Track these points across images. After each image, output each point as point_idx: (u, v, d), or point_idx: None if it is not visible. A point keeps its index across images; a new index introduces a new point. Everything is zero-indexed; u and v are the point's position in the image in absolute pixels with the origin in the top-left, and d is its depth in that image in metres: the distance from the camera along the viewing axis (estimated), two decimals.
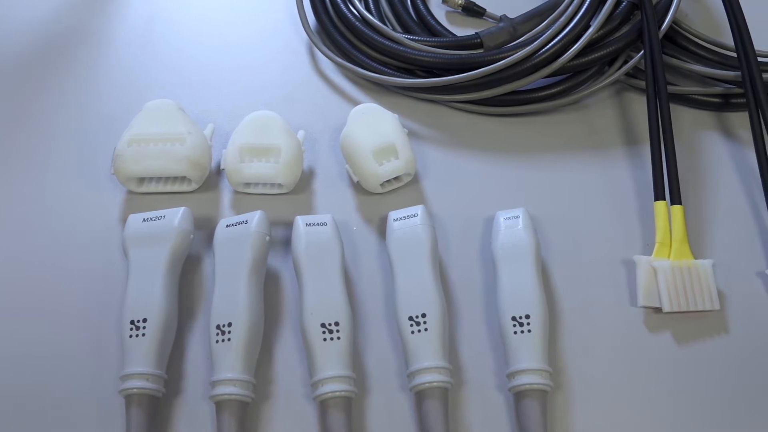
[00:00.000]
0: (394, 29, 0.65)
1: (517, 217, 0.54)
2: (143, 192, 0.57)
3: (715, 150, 0.61)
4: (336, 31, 0.64)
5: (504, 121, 0.62)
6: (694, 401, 0.51)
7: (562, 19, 0.59)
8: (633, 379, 0.51)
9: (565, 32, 0.59)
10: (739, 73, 0.60)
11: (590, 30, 0.59)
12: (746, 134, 0.59)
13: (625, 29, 0.61)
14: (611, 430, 0.50)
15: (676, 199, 0.55)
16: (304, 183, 0.59)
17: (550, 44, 0.59)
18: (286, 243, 0.54)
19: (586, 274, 0.55)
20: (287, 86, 0.64)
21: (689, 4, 0.71)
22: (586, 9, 0.59)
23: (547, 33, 0.59)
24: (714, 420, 0.50)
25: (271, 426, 0.49)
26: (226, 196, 0.58)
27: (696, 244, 0.56)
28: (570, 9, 0.60)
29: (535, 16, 0.63)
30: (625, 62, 0.62)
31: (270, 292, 0.54)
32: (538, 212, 0.57)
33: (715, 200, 0.59)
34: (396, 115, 0.59)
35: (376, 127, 0.57)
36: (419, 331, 0.49)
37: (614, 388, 0.51)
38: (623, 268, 0.55)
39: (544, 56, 0.59)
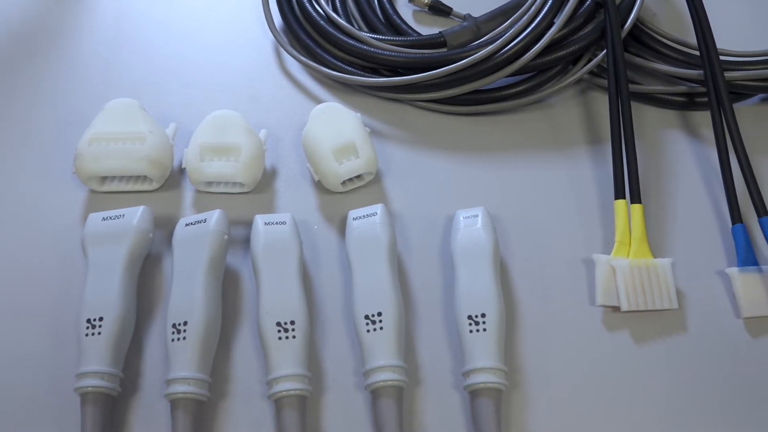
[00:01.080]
0: (360, 29, 0.65)
1: (476, 216, 0.54)
2: (105, 191, 0.57)
3: (678, 149, 0.61)
4: (301, 30, 0.64)
5: (468, 120, 0.62)
6: (652, 400, 0.51)
7: (525, 18, 0.59)
8: (590, 378, 0.51)
9: (527, 31, 0.59)
10: (701, 71, 0.60)
11: (552, 29, 0.59)
12: (710, 133, 0.59)
13: (588, 28, 0.61)
14: (567, 428, 0.50)
15: (636, 198, 0.56)
16: (266, 182, 0.59)
17: (512, 43, 0.59)
18: (247, 242, 0.54)
19: (546, 273, 0.55)
20: (252, 85, 0.64)
21: (659, 4, 0.71)
22: (549, 8, 0.59)
23: (510, 32, 0.59)
24: (671, 419, 0.50)
25: (227, 424, 0.49)
26: (188, 195, 0.58)
27: (657, 243, 0.56)
28: (533, 8, 0.60)
29: (499, 15, 0.63)
30: (589, 61, 0.62)
31: (230, 290, 0.54)
32: (499, 211, 0.57)
33: (677, 199, 0.59)
34: (358, 114, 0.59)
35: (336, 126, 0.57)
36: (375, 329, 0.49)
37: (571, 386, 0.51)
38: (583, 267, 0.55)
39: (506, 55, 0.59)
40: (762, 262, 0.55)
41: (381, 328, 0.49)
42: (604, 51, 0.61)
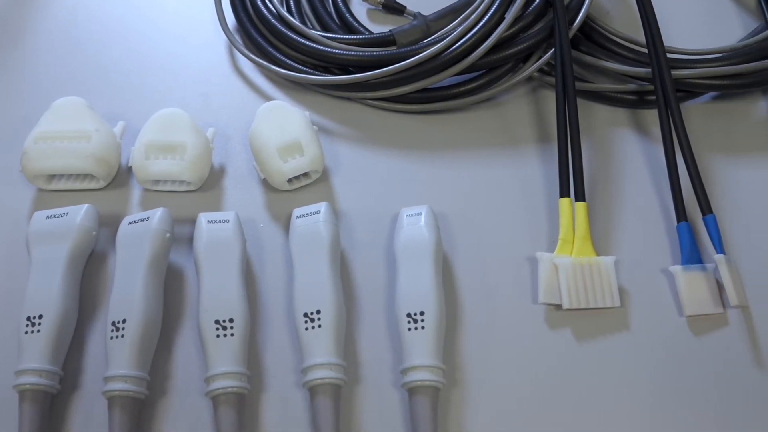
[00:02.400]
0: (313, 28, 0.65)
1: (420, 214, 0.54)
2: (53, 189, 0.57)
3: (628, 147, 0.61)
4: (254, 29, 0.64)
5: (419, 118, 0.62)
6: (593, 398, 0.51)
7: (474, 16, 0.59)
8: (531, 376, 0.51)
9: (475, 30, 0.59)
10: (650, 70, 0.60)
11: (500, 28, 0.59)
12: (659, 131, 0.59)
13: (538, 26, 0.61)
14: (506, 426, 0.50)
15: (580, 196, 0.56)
16: (214, 180, 0.59)
17: (459, 42, 0.59)
18: (192, 240, 0.54)
19: (490, 270, 0.55)
20: (204, 84, 0.64)
21: (613, 2, 0.70)
22: (497, 7, 0.59)
23: (458, 30, 0.59)
24: (612, 417, 0.50)
25: (166, 422, 0.49)
26: (135, 194, 0.58)
27: (602, 241, 0.56)
28: (482, 7, 0.60)
29: (450, 14, 0.63)
30: (539, 59, 0.62)
31: (174, 288, 0.54)
32: (446, 209, 0.57)
33: (625, 197, 0.59)
34: (306, 113, 0.59)
35: (282, 125, 0.57)
36: (313, 327, 0.49)
37: (512, 385, 0.51)
38: (528, 265, 0.55)
39: (453, 53, 0.59)
40: (707, 261, 0.55)
41: (319, 326, 0.49)
42: (553, 49, 0.60)
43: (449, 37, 0.59)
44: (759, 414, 0.51)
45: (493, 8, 0.59)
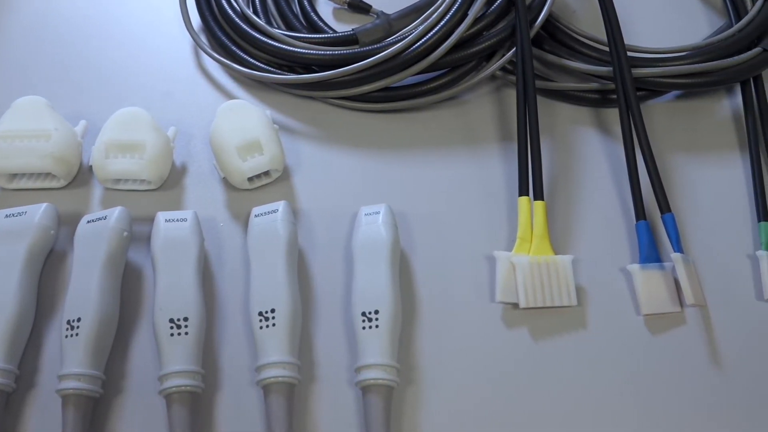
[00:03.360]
0: (278, 27, 0.65)
1: (378, 212, 0.54)
2: (14, 188, 0.58)
3: (590, 146, 0.61)
4: (218, 28, 0.64)
5: (382, 117, 0.62)
6: (549, 397, 0.51)
7: (435, 15, 0.59)
8: (488, 375, 0.51)
9: (436, 29, 0.59)
10: (611, 68, 0.60)
11: (461, 26, 0.59)
12: (620, 130, 0.59)
13: (501, 25, 0.61)
14: (461, 425, 0.50)
15: (538, 195, 0.56)
16: (175, 179, 0.59)
17: (421, 40, 0.59)
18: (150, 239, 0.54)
19: (449, 270, 0.55)
20: (168, 83, 0.64)
21: (580, 2, 0.70)
22: (459, 6, 0.59)
23: (419, 29, 0.59)
24: (569, 416, 0.50)
25: (121, 420, 0.49)
26: (97, 193, 0.58)
27: (562, 240, 0.56)
28: (444, 5, 0.60)
29: (412, 13, 0.63)
30: (501, 57, 0.62)
31: (132, 287, 0.54)
32: (408, 208, 0.57)
33: (586, 196, 0.59)
34: (266, 112, 0.59)
35: (242, 124, 0.57)
36: (267, 326, 0.49)
37: (468, 384, 0.51)
38: (486, 263, 0.55)
39: (414, 52, 0.59)
40: (666, 260, 0.55)
41: (273, 325, 0.49)
42: (515, 48, 0.60)
43: (410, 36, 0.59)
44: (715, 412, 0.51)
45: (455, 7, 0.59)
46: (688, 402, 0.51)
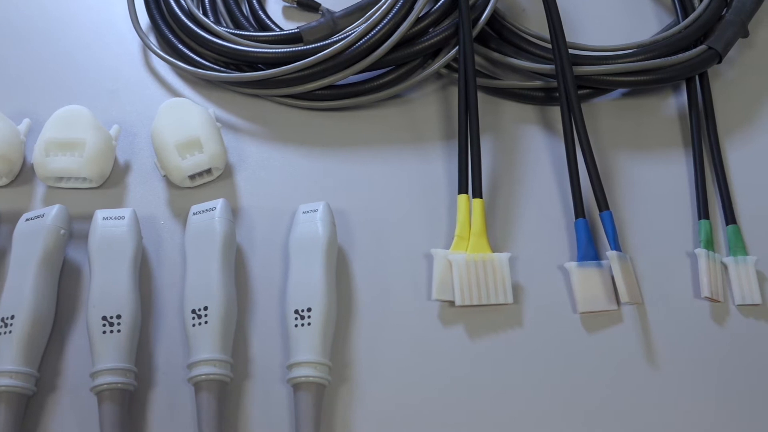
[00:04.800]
0: (227, 26, 0.65)
1: (316, 210, 0.54)
2: None
3: (533, 144, 0.61)
4: (166, 26, 0.64)
5: (326, 115, 0.62)
6: (485, 395, 0.51)
7: (379, 13, 0.59)
8: (423, 373, 0.52)
9: (380, 26, 0.59)
10: (554, 66, 0.60)
11: (405, 24, 0.59)
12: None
13: (446, 23, 0.61)
14: (394, 424, 0.50)
15: (477, 193, 0.56)
16: (118, 177, 0.59)
17: (364, 38, 0.59)
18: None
19: (387, 267, 0.55)
20: (115, 82, 0.64)
21: (530, 1, 0.70)
22: (402, 3, 0.59)
23: (363, 27, 0.59)
24: (504, 414, 0.51)
25: (54, 418, 0.49)
26: (39, 191, 0.58)
27: (501, 238, 0.57)
28: (387, 3, 0.60)
29: (357, 11, 0.63)
30: (446, 56, 0.62)
31: (71, 285, 0.54)
32: (349, 206, 0.57)
33: (528, 194, 0.59)
34: (209, 110, 0.59)
35: (182, 122, 0.57)
36: (200, 323, 0.50)
37: (402, 381, 0.51)
38: (425, 261, 0.55)
39: (358, 50, 0.59)
40: (604, 257, 0.55)
41: (206, 322, 0.49)
42: (457, 46, 0.61)
43: (353, 34, 0.59)
44: (650, 410, 0.51)
45: (398, 5, 0.59)
46: (623, 399, 0.51)
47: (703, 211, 0.58)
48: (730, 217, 0.58)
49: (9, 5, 0.70)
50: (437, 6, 0.61)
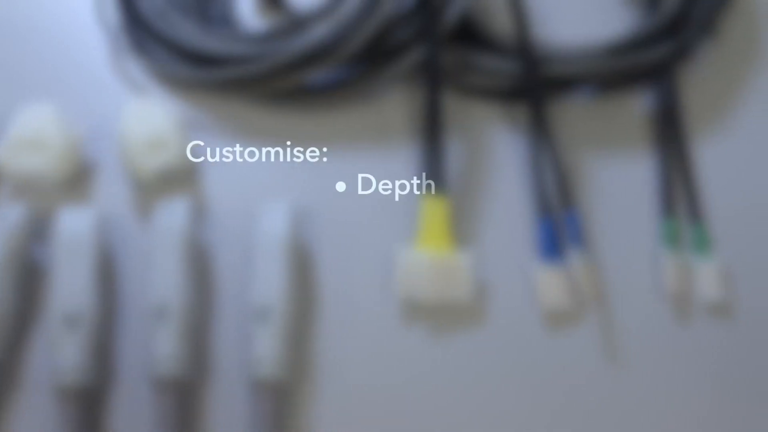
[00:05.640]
0: (196, 24, 0.65)
1: (279, 209, 0.54)
2: None
3: (501, 142, 0.61)
4: (134, 24, 0.64)
5: (293, 114, 0.62)
6: (446, 395, 0.51)
7: (346, 11, 0.59)
8: (384, 372, 0.52)
9: (347, 25, 0.59)
10: (521, 64, 0.60)
11: (372, 22, 0.59)
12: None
13: (414, 22, 0.61)
14: (357, 422, 0.50)
15: (441, 191, 0.56)
16: (83, 177, 0.58)
17: (331, 36, 0.59)
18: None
19: (351, 266, 0.55)
20: (81, 81, 0.63)
21: None
22: (369, 2, 0.59)
23: (330, 25, 0.59)
24: (465, 414, 0.51)
25: (17, 419, 0.49)
26: (3, 190, 0.58)
27: (466, 236, 0.57)
28: (354, 2, 0.59)
29: (326, 9, 0.62)
30: (414, 55, 0.61)
31: (34, 286, 0.54)
32: (316, 205, 0.57)
33: (493, 192, 0.59)
34: (175, 109, 0.59)
35: (147, 121, 0.57)
36: (161, 323, 0.50)
37: (364, 380, 0.51)
38: (389, 260, 0.55)
39: (325, 49, 0.59)
40: (568, 256, 0.55)
41: (167, 322, 0.50)
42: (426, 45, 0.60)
43: (322, 32, 0.59)
44: (611, 410, 0.51)
45: (367, 3, 0.59)
46: (586, 399, 0.51)
47: (668, 209, 0.58)
48: (695, 215, 0.58)
49: None
50: (406, 4, 0.60)
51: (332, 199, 0.58)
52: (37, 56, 0.65)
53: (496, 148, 0.61)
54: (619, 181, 0.60)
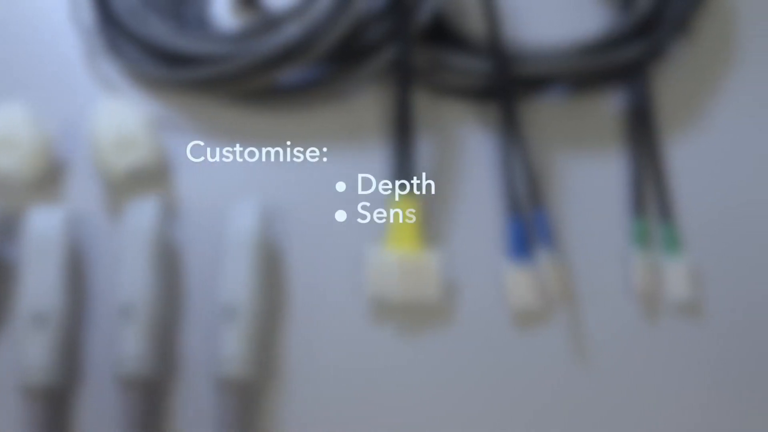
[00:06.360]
0: (169, 23, 0.65)
1: (248, 208, 0.54)
2: None
3: (472, 141, 0.61)
4: (108, 23, 0.64)
5: (265, 113, 0.62)
6: (414, 394, 0.51)
7: (318, 10, 0.59)
8: (353, 371, 0.52)
9: (318, 24, 0.59)
10: (492, 63, 0.60)
11: (344, 21, 0.59)
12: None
13: (386, 21, 0.61)
14: (323, 421, 0.50)
15: (412, 190, 0.56)
16: (54, 176, 0.58)
17: (303, 36, 0.59)
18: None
19: (322, 265, 0.55)
20: (54, 79, 0.63)
21: None
22: (341, 2, 0.59)
23: (302, 24, 0.59)
24: (433, 414, 0.51)
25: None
26: None
27: (437, 236, 0.57)
28: (326, 2, 0.59)
29: (298, 8, 0.62)
30: (386, 55, 0.61)
31: (3, 285, 0.54)
32: (287, 204, 0.57)
33: (464, 191, 0.59)
34: (146, 108, 0.59)
35: (118, 120, 0.57)
36: (128, 322, 0.50)
37: (332, 380, 0.52)
38: (359, 260, 0.55)
39: (297, 48, 0.59)
40: (537, 255, 0.55)
41: (134, 321, 0.50)
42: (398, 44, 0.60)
43: (294, 31, 0.59)
44: (580, 409, 0.51)
45: (339, 2, 0.59)
46: (554, 398, 0.52)
47: (638, 209, 0.58)
48: (665, 215, 0.58)
49: None
50: (378, 3, 0.60)
51: (303, 198, 0.58)
52: (10, 55, 0.65)
53: (467, 148, 0.61)
54: (590, 180, 0.60)
